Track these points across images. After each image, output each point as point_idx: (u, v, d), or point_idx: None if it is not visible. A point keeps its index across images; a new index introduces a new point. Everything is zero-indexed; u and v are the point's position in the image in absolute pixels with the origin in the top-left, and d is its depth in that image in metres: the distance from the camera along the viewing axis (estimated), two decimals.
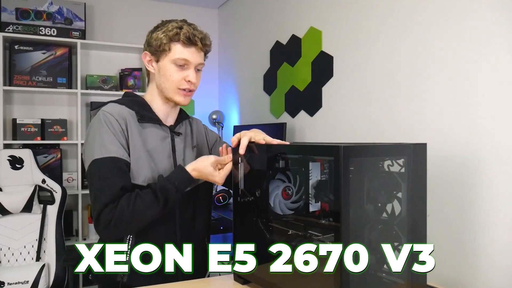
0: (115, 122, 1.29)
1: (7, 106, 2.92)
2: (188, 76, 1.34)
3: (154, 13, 3.43)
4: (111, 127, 1.28)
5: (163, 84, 1.36)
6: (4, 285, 2.37)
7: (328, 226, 1.19)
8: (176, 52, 1.32)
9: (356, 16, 1.96)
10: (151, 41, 1.36)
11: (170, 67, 1.33)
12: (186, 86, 1.35)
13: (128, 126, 1.32)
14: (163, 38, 1.32)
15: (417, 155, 1.08)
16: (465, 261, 1.43)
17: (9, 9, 2.83)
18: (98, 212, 1.21)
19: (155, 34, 1.35)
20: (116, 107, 1.34)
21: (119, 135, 1.29)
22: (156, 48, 1.33)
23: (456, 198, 1.46)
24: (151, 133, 1.36)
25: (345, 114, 2.05)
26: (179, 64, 1.33)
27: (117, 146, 1.27)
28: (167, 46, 1.32)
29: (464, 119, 1.44)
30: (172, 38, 1.31)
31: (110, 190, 1.21)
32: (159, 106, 1.41)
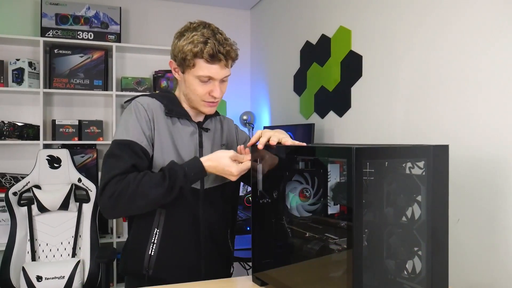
0: (143, 111, 1.34)
1: (47, 108, 3.05)
2: (213, 92, 1.34)
3: (187, 16, 3.47)
4: (139, 114, 1.33)
5: (188, 94, 1.37)
6: (42, 279, 2.47)
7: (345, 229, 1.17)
8: (200, 69, 1.30)
9: (388, 16, 1.91)
10: (175, 51, 1.33)
11: (194, 82, 1.33)
12: (211, 99, 1.36)
13: (155, 118, 1.35)
14: (187, 52, 1.29)
15: (438, 157, 1.03)
16: (495, 266, 1.36)
17: (49, 15, 2.96)
18: (105, 182, 1.22)
19: (180, 44, 1.31)
20: (147, 99, 1.38)
21: (144, 123, 1.32)
22: (180, 60, 1.32)
23: (485, 202, 1.39)
24: (178, 128, 1.39)
25: (374, 115, 2.01)
26: (203, 80, 1.32)
27: (138, 133, 1.30)
28: (191, 62, 1.30)
29: (495, 119, 1.37)
30: (196, 54, 1.28)
31: (121, 166, 1.24)
32: (187, 106, 1.43)
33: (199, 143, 1.42)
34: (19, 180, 2.79)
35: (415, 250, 1.06)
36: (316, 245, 1.09)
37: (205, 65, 1.30)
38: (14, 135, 2.89)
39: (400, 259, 1.07)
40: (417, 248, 1.06)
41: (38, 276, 2.47)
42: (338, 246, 1.07)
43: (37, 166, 2.65)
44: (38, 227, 2.62)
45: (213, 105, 1.39)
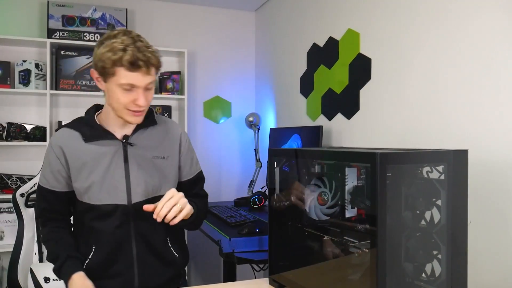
0: (52, 153, 1.40)
1: (53, 109, 3.06)
2: (137, 100, 1.30)
3: (192, 17, 3.49)
4: (48, 158, 1.42)
5: (112, 104, 1.34)
6: (50, 280, 2.47)
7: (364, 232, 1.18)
8: (120, 77, 1.26)
9: (397, 19, 1.92)
10: (95, 59, 1.30)
11: (116, 90, 1.29)
12: (135, 108, 1.32)
13: (65, 152, 1.38)
14: (106, 60, 1.25)
15: (458, 162, 1.05)
16: (508, 269, 1.37)
17: (56, 16, 2.96)
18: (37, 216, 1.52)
19: (99, 53, 1.28)
20: (60, 134, 1.43)
21: (54, 165, 1.40)
22: (101, 69, 1.29)
23: (497, 204, 1.41)
24: (100, 150, 1.38)
25: (382, 118, 2.02)
26: (126, 88, 1.28)
27: (48, 177, 1.41)
28: (111, 70, 1.26)
29: (508, 123, 1.38)
30: (115, 62, 1.25)
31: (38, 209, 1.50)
32: (114, 118, 1.39)
33: (124, 158, 1.40)
34: (25, 181, 2.80)
35: (434, 253, 1.07)
36: (336, 248, 1.10)
37: (125, 73, 1.26)
38: (21, 137, 2.89)
39: (419, 262, 1.08)
40: (436, 251, 1.07)
41: (46, 277, 2.47)
42: (358, 249, 1.08)
43: None
44: None
45: (139, 114, 1.35)
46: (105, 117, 1.42)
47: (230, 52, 3.60)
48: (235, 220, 2.35)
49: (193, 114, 3.43)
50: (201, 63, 3.52)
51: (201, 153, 3.45)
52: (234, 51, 3.62)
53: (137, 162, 1.40)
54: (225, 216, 2.43)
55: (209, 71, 3.55)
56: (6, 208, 2.85)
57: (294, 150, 1.24)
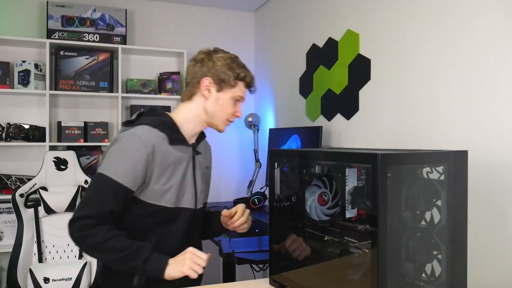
0: (144, 150, 1.33)
1: (53, 110, 3.05)
2: (237, 112, 1.50)
3: (192, 18, 3.49)
4: (135, 154, 1.33)
5: (216, 113, 1.47)
6: (49, 281, 2.47)
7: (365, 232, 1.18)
8: (239, 90, 1.47)
9: (397, 19, 1.93)
10: (215, 70, 1.44)
11: (228, 101, 1.46)
12: (232, 119, 1.51)
13: (156, 152, 1.36)
14: (231, 74, 1.44)
15: (458, 162, 1.05)
16: (507, 269, 1.38)
17: (55, 17, 2.96)
18: (76, 218, 1.27)
19: (220, 67, 1.45)
20: (148, 132, 1.38)
21: (140, 163, 1.33)
22: (222, 79, 1.44)
23: (498, 205, 1.41)
24: (176, 154, 1.43)
25: (382, 118, 2.02)
26: (236, 99, 1.47)
27: (128, 174, 1.31)
28: (233, 82, 1.45)
29: (508, 124, 1.39)
30: (241, 78, 1.46)
31: (98, 206, 1.28)
32: (193, 127, 1.50)
33: (193, 165, 1.48)
34: (24, 182, 2.80)
35: (434, 253, 1.08)
36: (337, 248, 1.11)
37: (242, 88, 1.48)
38: (20, 137, 2.89)
39: (419, 262, 1.09)
40: (436, 251, 1.08)
41: (45, 277, 2.48)
42: (358, 249, 1.09)
43: (44, 168, 2.65)
44: (45, 228, 2.63)
45: (228, 125, 1.54)
46: (182, 123, 1.48)
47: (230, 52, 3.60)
48: None
49: None
50: None
51: None
52: (233, 52, 3.55)
53: (200, 170, 1.52)
54: None
55: None
56: (6, 209, 2.85)
57: (295, 151, 1.25)
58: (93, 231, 1.25)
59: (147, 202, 1.37)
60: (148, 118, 1.44)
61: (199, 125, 1.50)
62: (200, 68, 1.46)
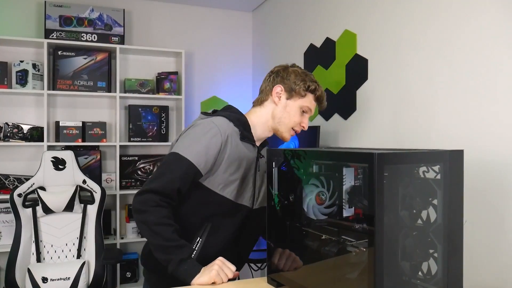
0: (219, 138, 1.43)
1: (51, 110, 3.06)
2: (303, 123, 1.56)
3: (190, 18, 3.50)
4: (212, 140, 1.42)
5: (282, 119, 1.54)
6: (48, 281, 2.48)
7: (362, 231, 1.19)
8: (307, 101, 1.53)
9: (394, 19, 1.94)
10: (289, 80, 1.53)
11: (296, 110, 1.53)
12: (298, 129, 1.57)
13: (229, 142, 1.45)
14: (302, 85, 1.51)
15: (454, 162, 1.06)
16: (503, 268, 1.39)
17: (53, 17, 2.96)
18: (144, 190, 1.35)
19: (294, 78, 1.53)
20: (225, 123, 1.48)
21: (213, 149, 1.41)
22: (293, 88, 1.52)
23: (494, 204, 1.42)
24: (246, 151, 1.51)
25: (379, 118, 2.03)
26: (303, 110, 1.54)
27: (202, 158, 1.40)
28: (304, 92, 1.52)
29: (504, 123, 1.40)
30: (311, 90, 1.53)
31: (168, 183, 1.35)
32: (261, 131, 1.57)
33: (255, 166, 1.55)
34: (22, 182, 2.80)
35: (430, 252, 1.09)
36: (334, 247, 1.11)
37: (311, 100, 1.55)
38: (18, 137, 2.89)
39: (416, 261, 1.10)
40: (432, 250, 1.08)
41: (44, 277, 2.48)
42: (355, 248, 1.10)
43: (42, 168, 2.65)
44: (43, 228, 2.63)
45: (293, 135, 1.60)
46: (254, 125, 1.55)
47: (227, 53, 3.61)
48: None
49: (190, 114, 3.43)
50: (198, 64, 3.53)
51: None
52: (231, 52, 3.63)
53: (261, 173, 1.57)
54: None
55: (206, 72, 3.56)
56: (4, 209, 2.85)
57: (293, 150, 1.25)
58: (153, 210, 1.32)
59: (212, 189, 1.45)
60: (225, 112, 1.53)
61: (266, 130, 1.57)
62: (275, 78, 1.56)
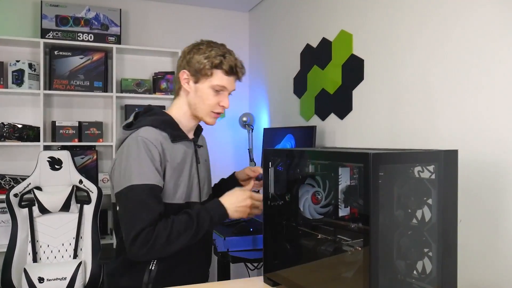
0: (154, 149, 1.34)
1: (47, 109, 3.05)
2: (222, 102, 1.44)
3: (186, 18, 3.50)
4: (150, 154, 1.33)
5: (197, 104, 1.44)
6: (44, 281, 2.48)
7: (357, 231, 1.20)
8: (216, 79, 1.41)
9: (389, 20, 1.95)
10: (192, 62, 1.41)
11: (207, 91, 1.42)
12: (219, 110, 1.46)
13: (164, 150, 1.38)
14: (206, 63, 1.39)
15: (448, 161, 1.07)
16: (496, 268, 1.40)
17: (49, 16, 2.96)
18: (135, 235, 1.24)
19: (198, 57, 1.41)
20: (152, 133, 1.38)
21: (157, 162, 1.34)
22: (197, 70, 1.40)
23: (487, 204, 1.44)
24: (181, 150, 1.45)
25: (375, 118, 2.05)
26: (217, 89, 1.42)
27: (154, 174, 1.32)
28: (209, 71, 1.40)
29: (498, 123, 1.41)
30: (216, 65, 1.40)
31: (149, 215, 1.26)
32: (186, 122, 1.49)
33: (196, 159, 1.51)
34: (18, 182, 2.79)
35: (425, 251, 1.10)
36: (330, 246, 1.12)
37: (222, 76, 1.41)
38: (14, 137, 2.89)
39: (411, 260, 1.11)
40: (427, 249, 1.10)
41: (40, 277, 2.48)
42: (351, 247, 1.11)
43: (38, 168, 2.65)
44: (39, 228, 2.63)
45: (217, 117, 1.49)
46: (178, 119, 1.48)
47: None
48: (229, 220, 2.37)
49: None
50: None
51: None
52: None
53: (202, 163, 1.54)
54: None
55: None
56: (0, 209, 2.84)
57: (289, 150, 1.26)
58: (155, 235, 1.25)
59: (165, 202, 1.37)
60: (148, 118, 1.43)
61: (191, 119, 1.50)
62: (181, 63, 1.46)
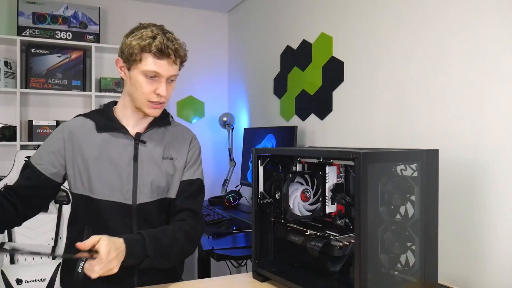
0: (58, 135, 1.37)
1: (23, 108, 3.00)
2: (158, 89, 1.31)
3: (165, 17, 3.50)
4: (51, 139, 1.38)
5: (133, 93, 1.34)
6: (22, 282, 2.44)
7: (345, 227, 1.26)
8: (146, 64, 1.28)
9: (368, 23, 2.02)
10: (123, 47, 1.32)
11: (140, 78, 1.30)
12: (156, 99, 1.33)
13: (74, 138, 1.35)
14: (135, 47, 1.27)
15: (430, 160, 1.14)
16: (472, 261, 1.48)
17: (26, 14, 2.91)
18: None
19: (128, 41, 1.30)
20: (75, 121, 1.41)
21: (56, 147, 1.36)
22: (127, 56, 1.30)
23: (465, 200, 1.52)
24: (111, 142, 1.37)
25: (355, 118, 2.11)
26: (150, 75, 1.29)
27: (41, 158, 1.36)
28: (138, 56, 1.28)
29: (473, 124, 1.49)
30: (143, 48, 1.27)
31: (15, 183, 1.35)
32: (129, 114, 1.40)
33: (133, 156, 1.38)
34: None
35: (408, 245, 1.16)
36: (319, 241, 1.17)
37: (152, 60, 1.28)
38: None
39: (394, 253, 1.17)
40: (410, 243, 1.16)
41: (18, 279, 2.44)
42: (339, 242, 1.16)
43: (15, 168, 2.60)
44: (17, 229, 2.57)
45: (158, 107, 1.36)
46: (121, 111, 1.41)
47: (203, 52, 3.63)
48: (211, 219, 2.40)
49: None
50: None
51: None
52: (207, 52, 3.65)
53: (146, 162, 1.39)
54: None
55: (182, 71, 3.52)
56: None
57: (279, 149, 1.31)
58: None
59: (75, 193, 1.36)
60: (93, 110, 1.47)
61: (134, 111, 1.39)
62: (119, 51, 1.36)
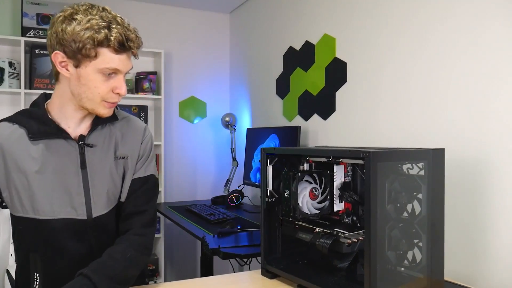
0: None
1: None
2: (117, 88, 1.13)
3: (167, 18, 3.52)
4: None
5: (83, 94, 1.12)
6: None
7: (353, 224, 1.29)
8: (104, 60, 1.08)
9: (371, 24, 2.05)
10: (65, 38, 1.05)
11: (95, 77, 1.10)
12: (115, 99, 1.15)
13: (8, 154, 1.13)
14: (86, 40, 1.04)
15: (436, 159, 1.17)
16: (477, 258, 1.51)
17: (30, 15, 2.92)
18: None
19: (71, 30, 1.04)
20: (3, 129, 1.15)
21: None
22: (75, 50, 1.06)
23: (470, 199, 1.55)
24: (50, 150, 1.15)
25: (358, 118, 2.14)
26: (107, 73, 1.10)
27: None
28: (92, 51, 1.06)
29: (476, 124, 1.52)
30: (100, 42, 1.05)
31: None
32: (69, 113, 1.18)
33: (81, 163, 1.17)
34: None
35: (415, 242, 1.19)
36: (328, 239, 1.20)
37: (111, 56, 1.08)
38: None
39: (402, 250, 1.19)
40: (417, 240, 1.19)
41: None
42: (348, 239, 1.19)
43: None
44: None
45: (113, 106, 1.18)
46: (57, 111, 1.18)
47: (205, 53, 3.66)
48: (216, 218, 2.42)
49: (169, 114, 3.46)
50: (176, 64, 3.56)
51: (177, 153, 3.49)
52: (209, 52, 3.68)
53: (96, 168, 1.19)
54: (205, 214, 2.50)
55: (185, 72, 3.59)
56: None
57: (288, 149, 1.33)
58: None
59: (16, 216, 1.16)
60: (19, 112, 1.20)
61: (79, 110, 1.17)
62: (51, 37, 1.09)
